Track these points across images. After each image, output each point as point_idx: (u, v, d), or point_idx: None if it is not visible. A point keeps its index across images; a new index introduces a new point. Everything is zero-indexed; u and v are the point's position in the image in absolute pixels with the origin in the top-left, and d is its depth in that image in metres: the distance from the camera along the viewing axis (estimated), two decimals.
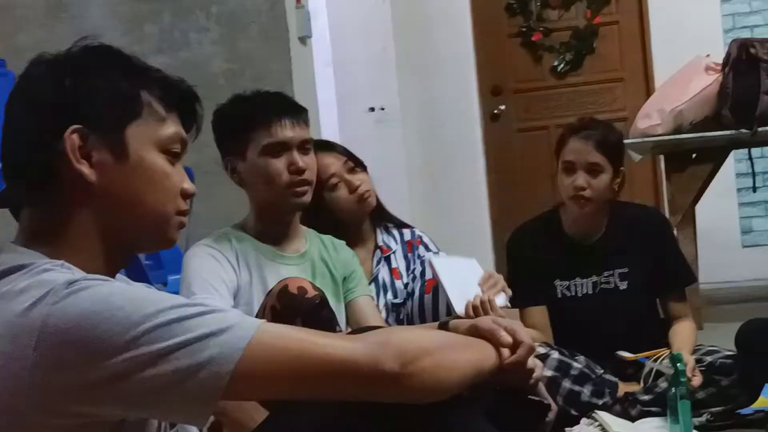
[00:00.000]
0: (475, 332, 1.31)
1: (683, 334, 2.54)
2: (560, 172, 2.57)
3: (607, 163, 2.52)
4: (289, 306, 1.74)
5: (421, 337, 1.19)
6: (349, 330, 1.93)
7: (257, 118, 1.95)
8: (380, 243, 2.49)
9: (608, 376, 2.45)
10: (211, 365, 1.00)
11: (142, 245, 1.21)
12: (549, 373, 2.34)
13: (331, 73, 4.83)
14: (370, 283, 2.37)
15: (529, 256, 2.61)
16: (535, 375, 1.36)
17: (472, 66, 5.57)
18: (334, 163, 2.37)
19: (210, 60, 3.57)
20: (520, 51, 5.63)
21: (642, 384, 2.45)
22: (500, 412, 1.34)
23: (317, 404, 1.18)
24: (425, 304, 2.36)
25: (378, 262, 2.48)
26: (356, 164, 2.42)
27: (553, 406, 1.39)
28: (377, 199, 2.48)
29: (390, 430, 1.19)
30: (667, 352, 2.47)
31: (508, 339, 1.29)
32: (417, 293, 2.39)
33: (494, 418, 1.30)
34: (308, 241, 2.09)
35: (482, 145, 5.58)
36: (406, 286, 2.45)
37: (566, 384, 2.40)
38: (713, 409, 2.35)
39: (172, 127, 1.16)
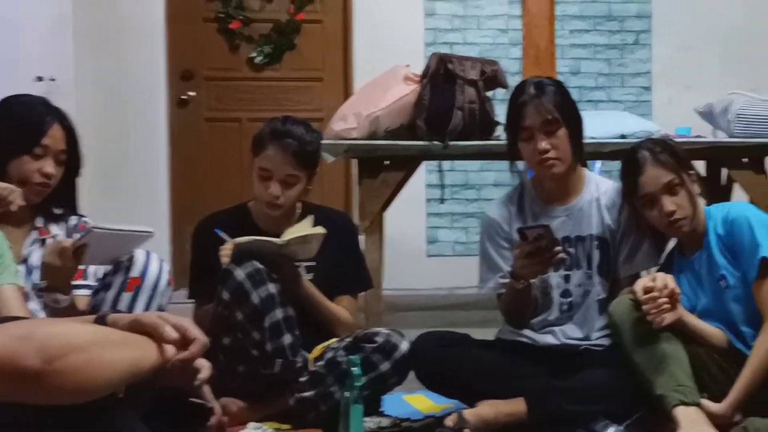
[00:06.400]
0: (137, 327, 1.27)
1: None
2: (255, 175, 2.66)
3: (303, 173, 2.67)
4: None
5: (71, 331, 1.12)
6: None
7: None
8: (39, 224, 2.37)
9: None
10: None
11: None
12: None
13: None
14: (19, 264, 2.28)
15: (216, 246, 2.60)
16: (200, 376, 1.34)
17: (161, 46, 5.45)
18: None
19: None
20: (216, 37, 5.61)
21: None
22: (159, 415, 1.31)
23: None
24: (121, 301, 2.32)
25: (32, 243, 2.40)
26: None
27: (216, 410, 1.39)
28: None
29: None
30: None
31: (173, 335, 1.27)
32: (116, 288, 2.34)
33: (152, 422, 1.26)
34: None
35: (166, 130, 5.48)
36: (103, 277, 2.39)
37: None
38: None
39: None
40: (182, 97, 5.53)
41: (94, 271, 2.45)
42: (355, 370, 2.00)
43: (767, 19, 5.84)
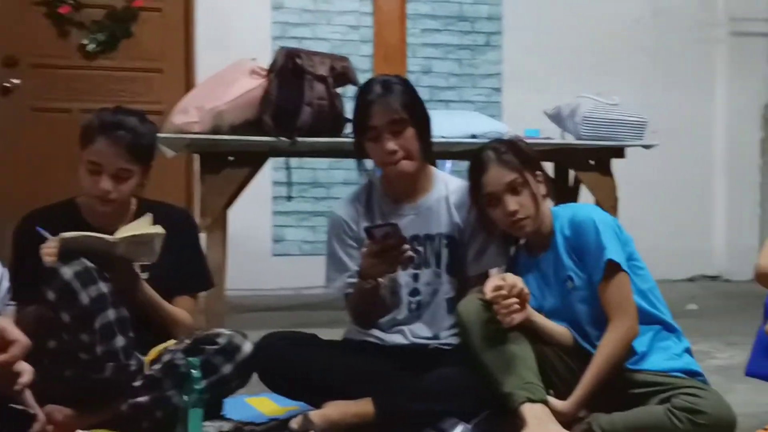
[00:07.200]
0: None
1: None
2: (83, 169, 2.57)
3: (137, 167, 2.59)
4: None
5: None
6: None
7: None
8: None
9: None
10: None
11: None
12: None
13: None
14: None
15: (40, 244, 2.48)
16: (20, 381, 1.27)
17: None
18: None
19: None
20: (43, 22, 5.41)
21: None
22: None
23: None
24: None
25: None
26: None
27: (39, 417, 1.31)
28: None
29: None
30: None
31: None
32: None
33: None
34: None
35: None
36: None
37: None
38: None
39: None
40: (5, 84, 5.30)
41: None
42: (195, 372, 1.97)
43: (616, 23, 6.12)
